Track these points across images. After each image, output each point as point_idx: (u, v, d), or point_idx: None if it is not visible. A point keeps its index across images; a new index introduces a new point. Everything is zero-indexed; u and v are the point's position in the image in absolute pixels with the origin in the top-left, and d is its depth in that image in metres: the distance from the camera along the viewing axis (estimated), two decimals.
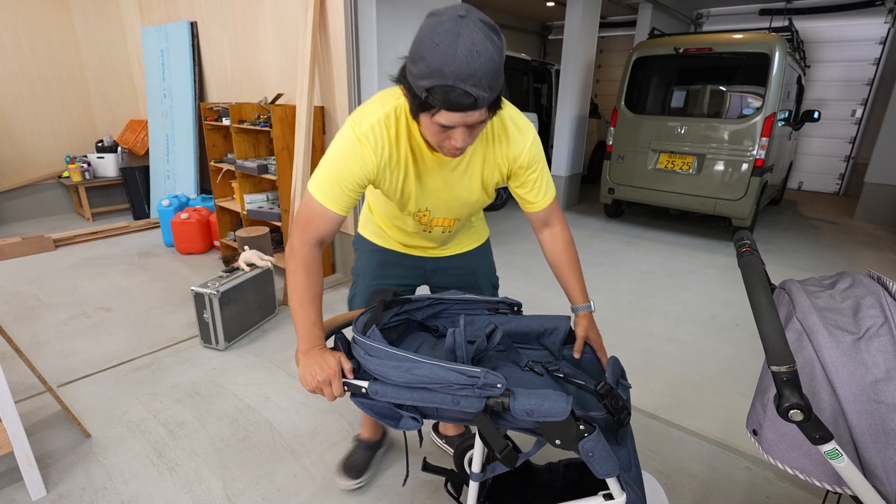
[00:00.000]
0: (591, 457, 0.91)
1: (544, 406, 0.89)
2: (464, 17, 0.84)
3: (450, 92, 0.85)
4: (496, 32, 0.86)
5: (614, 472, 0.93)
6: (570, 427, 0.90)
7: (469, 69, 0.83)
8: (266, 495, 1.65)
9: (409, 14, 3.24)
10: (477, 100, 0.86)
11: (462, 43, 0.82)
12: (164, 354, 2.51)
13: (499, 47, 0.86)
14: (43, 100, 4.72)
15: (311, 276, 1.10)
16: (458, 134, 0.96)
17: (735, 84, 4.46)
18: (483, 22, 0.85)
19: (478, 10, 0.87)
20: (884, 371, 0.81)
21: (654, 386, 2.33)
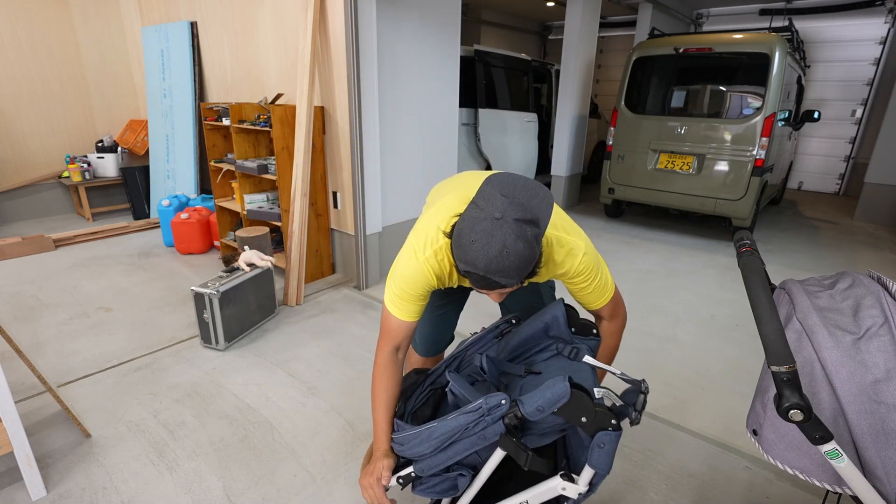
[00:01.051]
0: (601, 448, 0.95)
1: (547, 396, 0.95)
2: (499, 220, 0.94)
3: (480, 280, 0.99)
4: (531, 225, 0.96)
5: (606, 471, 0.97)
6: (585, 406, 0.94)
7: (499, 266, 0.94)
8: (266, 495, 1.65)
9: (409, 14, 3.24)
10: (505, 285, 0.99)
11: (494, 244, 0.94)
12: (164, 354, 2.51)
13: (530, 241, 0.95)
14: (43, 100, 4.72)
15: (386, 382, 1.24)
16: (493, 295, 1.11)
17: (735, 84, 4.46)
18: (518, 220, 0.95)
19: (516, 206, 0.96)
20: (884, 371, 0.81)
21: (654, 386, 2.33)
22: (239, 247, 3.09)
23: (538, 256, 1.00)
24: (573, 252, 1.20)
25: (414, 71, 3.40)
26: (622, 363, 2.53)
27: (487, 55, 5.11)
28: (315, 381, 2.30)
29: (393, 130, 3.38)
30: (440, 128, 3.78)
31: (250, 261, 2.80)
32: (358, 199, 3.21)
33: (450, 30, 3.61)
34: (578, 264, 1.21)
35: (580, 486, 1.01)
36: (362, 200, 3.23)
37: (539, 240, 0.98)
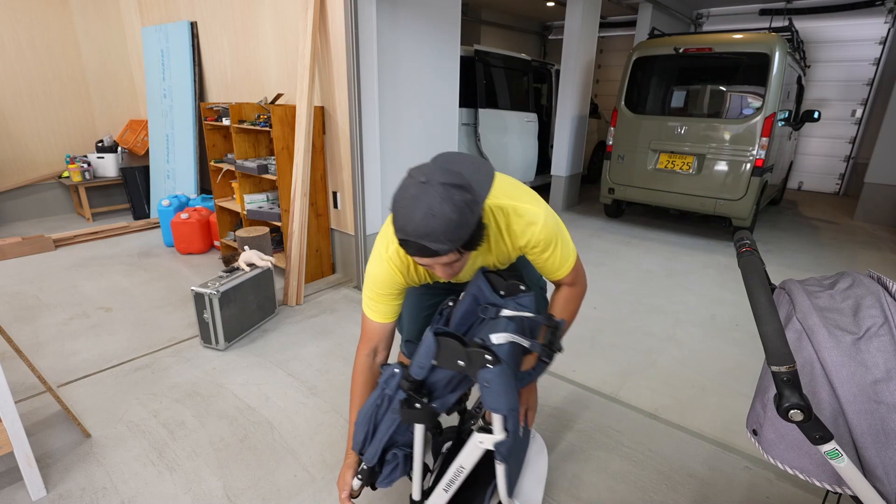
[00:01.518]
0: (486, 387, 1.00)
1: (422, 350, 1.04)
2: (425, 183, 0.96)
3: (412, 245, 0.99)
4: (460, 189, 0.96)
5: (502, 409, 1.00)
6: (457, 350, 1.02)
7: (426, 229, 0.95)
8: (266, 495, 1.65)
9: (409, 14, 3.24)
10: (437, 251, 0.98)
11: (420, 206, 0.95)
12: (164, 354, 2.51)
13: (458, 205, 0.95)
14: (43, 100, 4.72)
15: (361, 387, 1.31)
16: (437, 269, 1.09)
17: (735, 84, 4.46)
18: (445, 184, 0.96)
19: (444, 172, 0.98)
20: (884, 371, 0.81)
21: (654, 386, 2.34)
22: (239, 247, 3.09)
23: (474, 224, 0.99)
24: (533, 221, 1.21)
25: (414, 71, 3.40)
26: (622, 363, 2.53)
27: (487, 55, 5.11)
28: (315, 381, 2.30)
29: (393, 130, 3.38)
30: (440, 128, 3.78)
31: (250, 261, 2.80)
32: (358, 198, 3.21)
33: (450, 29, 3.61)
34: (539, 232, 1.21)
35: (496, 435, 1.05)
36: (362, 200, 3.23)
37: (472, 206, 0.98)
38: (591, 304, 3.23)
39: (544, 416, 2.08)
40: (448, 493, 1.19)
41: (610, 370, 2.46)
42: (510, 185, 1.28)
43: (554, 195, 5.90)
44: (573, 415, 2.10)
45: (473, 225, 1.00)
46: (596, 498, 1.67)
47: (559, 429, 2.01)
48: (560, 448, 1.90)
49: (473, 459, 1.12)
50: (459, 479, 1.16)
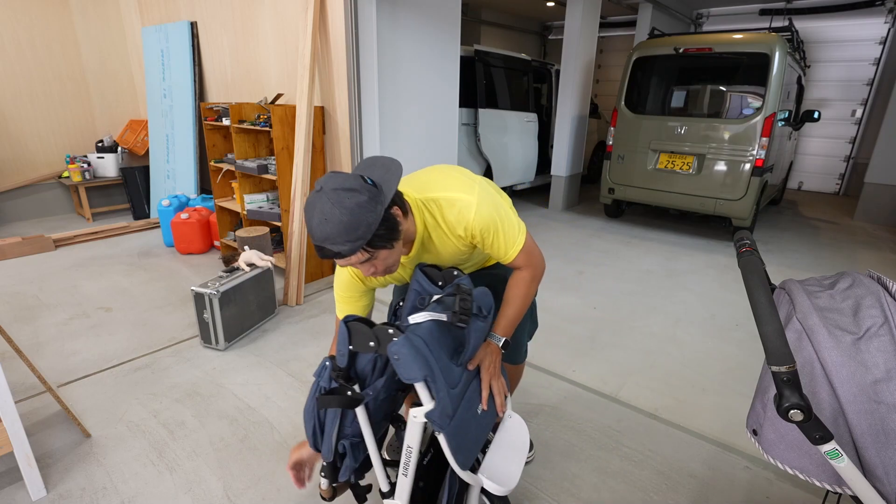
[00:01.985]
0: (397, 360, 1.05)
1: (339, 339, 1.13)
2: (319, 192, 1.02)
3: (320, 250, 1.04)
4: (350, 192, 1.01)
5: (416, 377, 1.04)
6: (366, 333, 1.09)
7: (322, 234, 1.01)
8: (266, 495, 1.65)
9: (409, 14, 3.24)
10: (340, 252, 1.03)
11: (315, 214, 1.01)
12: (164, 354, 2.51)
13: (350, 207, 1.00)
14: (43, 100, 4.72)
15: None
16: (360, 268, 1.13)
17: (735, 84, 4.46)
18: (336, 189, 1.01)
19: (337, 178, 1.03)
20: (884, 371, 0.81)
21: (654, 386, 2.34)
22: (239, 247, 3.09)
23: (374, 223, 1.03)
24: (464, 209, 1.20)
25: (414, 71, 3.40)
26: (622, 363, 2.53)
27: (487, 55, 5.11)
28: None
29: (393, 130, 3.38)
30: (440, 128, 3.78)
31: (250, 261, 2.80)
32: None
33: (450, 29, 3.61)
34: (473, 219, 1.20)
35: (425, 404, 1.08)
36: None
37: (367, 207, 1.02)
38: (591, 304, 3.23)
39: (545, 416, 2.08)
40: (408, 478, 1.20)
41: (610, 370, 2.46)
42: (443, 176, 1.28)
43: (554, 195, 5.90)
44: (573, 415, 2.10)
45: (373, 223, 1.03)
46: (596, 498, 1.67)
47: (559, 429, 2.01)
48: (560, 448, 1.90)
49: (417, 437, 1.15)
50: (412, 460, 1.17)
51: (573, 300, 3.27)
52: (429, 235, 1.26)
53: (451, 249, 1.29)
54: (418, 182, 1.28)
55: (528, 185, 6.15)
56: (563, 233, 4.89)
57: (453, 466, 1.12)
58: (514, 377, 1.72)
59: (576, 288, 3.48)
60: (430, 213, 1.23)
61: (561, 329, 2.87)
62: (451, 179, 1.27)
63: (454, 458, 1.10)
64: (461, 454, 1.12)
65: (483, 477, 1.15)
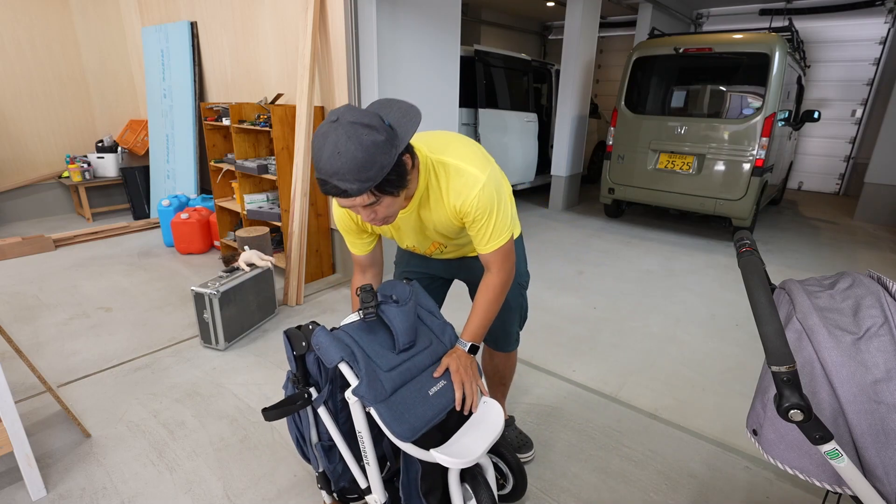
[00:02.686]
0: (319, 349, 1.14)
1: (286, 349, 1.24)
2: (335, 122, 0.97)
3: (324, 184, 1.01)
4: (368, 128, 0.96)
5: (335, 359, 1.13)
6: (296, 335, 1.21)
7: (332, 167, 0.96)
8: (266, 495, 1.65)
9: (409, 14, 3.24)
10: (347, 191, 0.99)
11: (327, 145, 0.96)
12: (164, 354, 2.51)
13: (366, 144, 0.95)
14: (43, 100, 4.72)
15: None
16: (360, 213, 1.11)
17: (735, 84, 4.46)
18: (354, 123, 0.96)
19: (355, 111, 0.98)
20: (884, 371, 0.81)
21: (654, 386, 2.33)
22: (239, 247, 3.09)
23: (387, 165, 0.98)
24: (470, 183, 1.17)
25: (414, 71, 3.40)
26: (622, 363, 2.53)
27: (487, 55, 5.11)
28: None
29: None
30: (440, 128, 3.78)
31: (250, 261, 2.80)
32: None
33: (450, 29, 3.61)
34: (473, 198, 1.17)
35: (351, 381, 1.14)
36: None
37: (383, 147, 0.97)
38: (591, 304, 3.23)
39: (544, 416, 2.08)
40: (373, 466, 1.24)
41: (610, 370, 2.46)
42: (461, 145, 1.25)
43: (554, 195, 5.90)
44: (573, 415, 2.10)
45: (386, 166, 0.98)
46: (596, 498, 1.67)
47: (559, 429, 2.01)
48: (560, 448, 1.90)
49: (361, 420, 1.19)
50: (367, 445, 1.22)
51: (573, 300, 3.27)
52: (427, 196, 1.23)
53: (442, 218, 1.26)
54: (435, 141, 1.25)
55: (528, 185, 6.15)
56: (563, 233, 4.89)
57: (390, 437, 1.13)
58: (506, 366, 1.73)
59: (576, 288, 3.48)
60: (436, 174, 1.20)
61: (561, 329, 2.87)
62: (468, 151, 1.24)
63: (389, 429, 1.12)
64: (399, 425, 1.13)
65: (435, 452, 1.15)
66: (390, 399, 1.15)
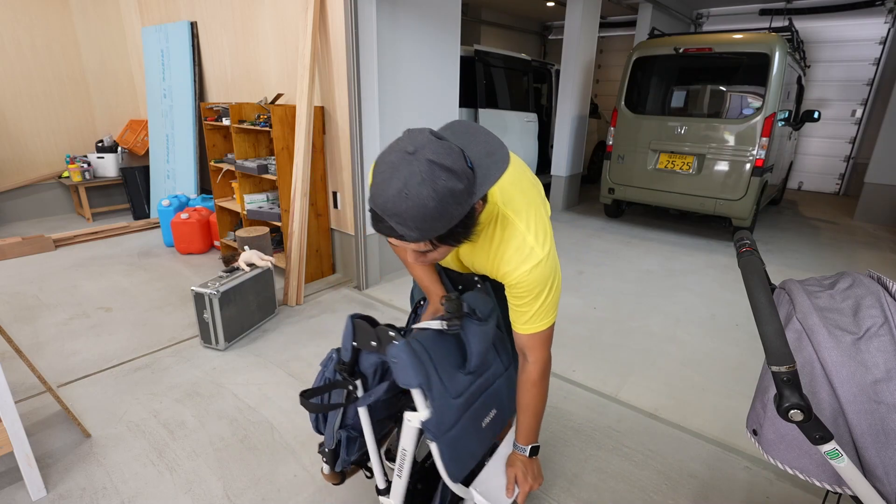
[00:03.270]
0: (395, 363, 1.04)
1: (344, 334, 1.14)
2: (412, 154, 0.80)
3: (378, 221, 0.86)
4: (448, 173, 0.80)
5: (412, 383, 1.05)
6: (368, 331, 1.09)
7: (395, 208, 0.81)
8: (266, 495, 1.65)
9: (409, 14, 3.24)
10: (403, 236, 0.85)
11: (396, 181, 0.80)
12: (164, 354, 2.51)
13: (441, 192, 0.80)
14: (43, 100, 4.72)
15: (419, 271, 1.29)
16: (408, 252, 0.97)
17: (735, 84, 4.46)
18: (433, 163, 0.79)
19: (437, 146, 0.81)
20: (884, 371, 0.81)
21: (654, 386, 2.33)
22: (239, 247, 3.09)
23: (457, 217, 0.84)
24: (526, 256, 1.04)
25: (414, 71, 3.40)
26: (622, 363, 2.53)
27: (487, 55, 5.11)
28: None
29: (393, 130, 3.37)
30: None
31: (250, 261, 2.80)
32: (358, 199, 3.21)
33: (450, 29, 3.61)
34: (525, 272, 1.04)
35: (420, 410, 1.07)
36: (362, 200, 3.23)
37: (459, 198, 0.82)
38: (592, 304, 3.23)
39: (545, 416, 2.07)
40: (402, 479, 1.20)
41: (610, 370, 2.46)
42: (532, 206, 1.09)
43: (554, 195, 5.90)
44: (573, 415, 2.10)
45: (455, 219, 0.84)
46: (596, 498, 1.67)
47: (559, 429, 2.01)
48: (560, 448, 1.90)
49: (412, 440, 1.15)
50: (407, 462, 1.17)
51: (573, 300, 3.27)
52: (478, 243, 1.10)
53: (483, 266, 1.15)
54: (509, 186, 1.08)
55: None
56: (563, 233, 4.89)
57: (444, 478, 1.11)
58: None
59: (576, 288, 3.48)
60: (496, 227, 1.06)
61: (561, 329, 2.87)
62: (536, 215, 1.08)
63: (445, 470, 1.09)
64: (455, 465, 1.11)
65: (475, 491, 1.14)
66: (451, 433, 1.10)
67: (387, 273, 3.60)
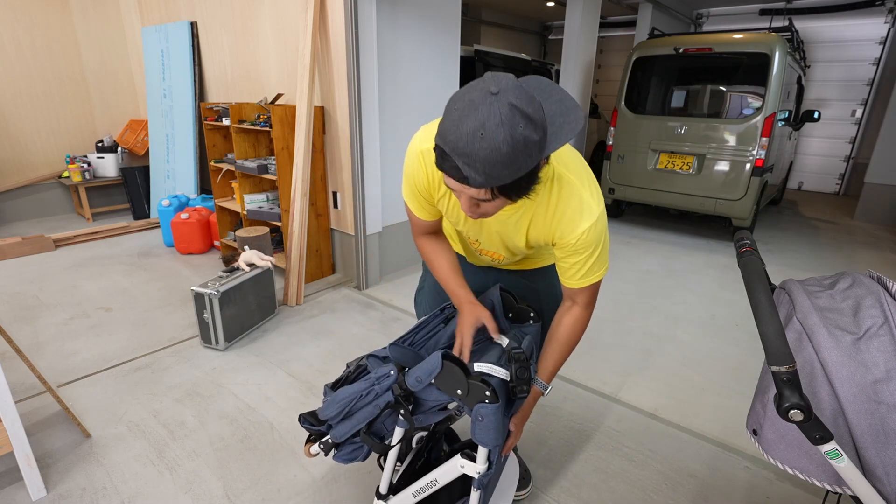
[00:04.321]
0: (479, 421, 0.99)
1: (424, 368, 1.02)
2: (495, 94, 0.78)
3: (445, 159, 0.83)
4: (528, 121, 0.78)
5: (492, 444, 1.01)
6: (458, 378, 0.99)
7: (466, 147, 0.79)
8: (266, 495, 1.65)
9: (409, 14, 3.24)
10: (468, 178, 0.82)
11: (473, 119, 0.78)
12: (164, 354, 2.51)
13: (517, 138, 0.78)
14: (43, 100, 4.72)
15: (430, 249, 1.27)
16: (463, 199, 0.93)
17: (735, 84, 4.46)
18: (514, 106, 0.77)
19: (520, 91, 0.79)
20: (884, 371, 0.81)
21: (654, 386, 2.33)
22: (239, 247, 3.09)
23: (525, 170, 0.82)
24: (586, 214, 1.03)
25: (414, 71, 3.40)
26: (622, 363, 2.53)
27: (487, 55, 5.11)
28: (315, 380, 2.30)
29: (393, 130, 3.38)
30: None
31: (250, 261, 2.80)
32: (358, 199, 3.21)
33: (450, 29, 3.61)
34: (584, 231, 1.03)
35: (479, 465, 1.06)
36: (362, 200, 3.23)
37: (531, 148, 0.80)
38: None
39: (544, 416, 2.08)
40: (416, 499, 1.20)
41: (610, 370, 2.46)
42: (583, 165, 1.10)
43: None
44: (573, 415, 2.10)
45: (524, 169, 0.82)
46: (596, 498, 1.67)
47: (559, 429, 2.01)
48: (560, 448, 1.90)
49: (450, 478, 1.13)
50: (430, 490, 1.18)
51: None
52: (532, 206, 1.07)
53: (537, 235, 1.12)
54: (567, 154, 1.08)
55: None
56: None
57: None
58: None
59: None
60: (554, 188, 1.04)
61: None
62: (588, 175, 1.08)
63: None
64: None
65: None
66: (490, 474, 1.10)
67: (387, 273, 3.60)
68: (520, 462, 1.70)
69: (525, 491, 1.66)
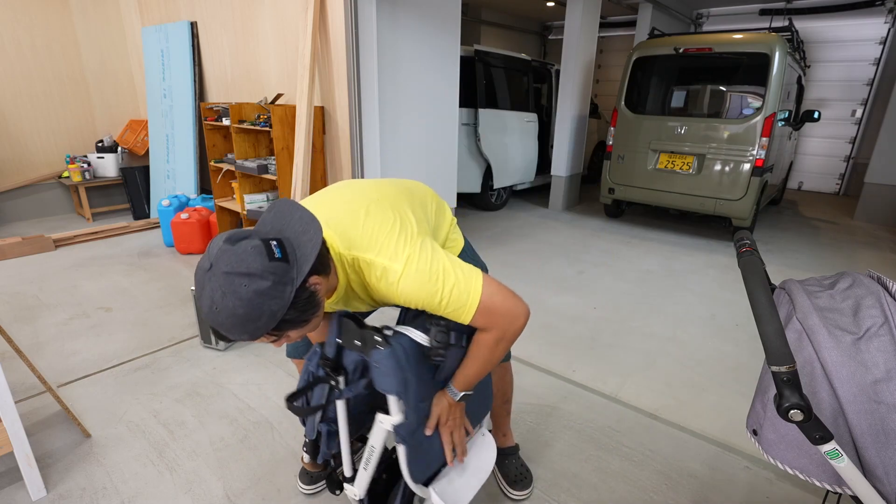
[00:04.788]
0: (376, 367, 1.06)
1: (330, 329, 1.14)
2: (208, 271, 0.85)
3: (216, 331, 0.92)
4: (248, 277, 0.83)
5: (391, 390, 1.07)
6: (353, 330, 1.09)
7: (215, 322, 0.87)
8: (266, 495, 1.65)
9: (409, 14, 3.24)
10: (237, 339, 0.90)
11: (205, 297, 0.86)
12: (164, 354, 2.51)
13: (245, 298, 0.83)
14: (43, 100, 4.72)
15: None
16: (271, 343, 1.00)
17: (735, 84, 4.46)
18: (229, 273, 0.83)
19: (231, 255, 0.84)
20: (884, 371, 0.81)
21: (654, 386, 2.33)
22: None
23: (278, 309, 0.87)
24: (386, 276, 1.03)
25: (414, 71, 3.40)
26: (622, 363, 2.53)
27: (487, 55, 5.11)
28: None
29: (393, 130, 3.38)
30: (440, 128, 3.78)
31: None
32: None
33: (450, 29, 3.61)
34: (398, 290, 1.03)
35: (393, 416, 1.10)
36: None
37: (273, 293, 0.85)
38: (592, 304, 3.23)
39: (544, 416, 2.08)
40: (368, 472, 1.23)
41: (610, 370, 2.46)
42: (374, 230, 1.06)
43: (554, 195, 5.90)
44: (573, 415, 2.10)
45: (279, 311, 0.87)
46: (596, 498, 1.67)
47: (559, 429, 2.01)
48: (560, 448, 1.90)
49: (381, 439, 1.17)
50: (374, 458, 1.20)
51: (573, 300, 3.27)
52: (352, 290, 1.12)
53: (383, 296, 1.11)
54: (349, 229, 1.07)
55: (528, 185, 6.15)
56: (563, 233, 4.89)
57: (405, 478, 1.14)
58: (504, 380, 1.61)
59: (576, 288, 3.48)
60: (356, 271, 1.07)
61: (561, 329, 2.87)
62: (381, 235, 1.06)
63: (409, 471, 1.12)
64: (416, 466, 1.14)
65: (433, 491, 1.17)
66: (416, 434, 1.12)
67: None
68: (520, 462, 1.71)
69: (525, 491, 1.66)
